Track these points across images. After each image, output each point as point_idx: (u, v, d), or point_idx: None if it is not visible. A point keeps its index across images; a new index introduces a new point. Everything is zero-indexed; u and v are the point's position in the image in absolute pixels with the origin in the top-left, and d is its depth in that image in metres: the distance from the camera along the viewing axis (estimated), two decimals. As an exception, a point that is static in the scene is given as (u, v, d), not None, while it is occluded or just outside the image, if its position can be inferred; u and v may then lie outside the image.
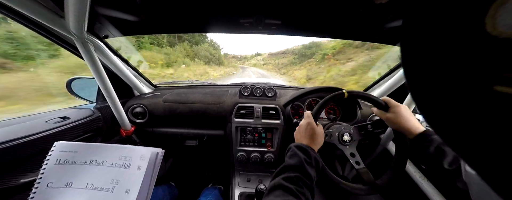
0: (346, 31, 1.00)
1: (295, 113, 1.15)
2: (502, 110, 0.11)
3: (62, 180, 0.44)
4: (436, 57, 0.14)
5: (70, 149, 0.48)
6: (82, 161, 0.47)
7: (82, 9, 0.56)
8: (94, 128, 0.95)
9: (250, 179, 1.15)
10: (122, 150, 0.50)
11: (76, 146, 0.49)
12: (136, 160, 0.48)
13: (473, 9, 0.12)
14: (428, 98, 0.16)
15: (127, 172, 0.47)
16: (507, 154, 0.12)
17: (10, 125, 0.71)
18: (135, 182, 0.46)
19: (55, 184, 0.44)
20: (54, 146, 0.48)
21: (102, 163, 0.47)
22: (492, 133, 0.12)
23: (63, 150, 0.47)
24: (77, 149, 0.48)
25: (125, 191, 0.44)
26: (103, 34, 0.91)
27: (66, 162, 0.46)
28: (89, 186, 0.44)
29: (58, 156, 0.46)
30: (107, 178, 0.45)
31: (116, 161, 0.48)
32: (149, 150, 0.50)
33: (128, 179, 0.46)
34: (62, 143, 0.49)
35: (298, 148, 0.58)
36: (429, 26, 0.14)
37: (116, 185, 0.45)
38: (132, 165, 0.48)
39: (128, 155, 0.49)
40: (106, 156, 0.48)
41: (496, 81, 0.11)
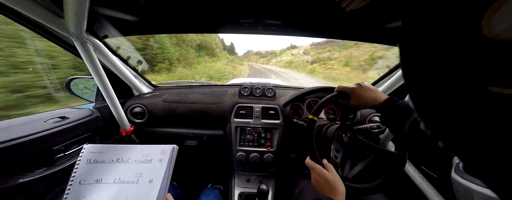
0: (346, 32, 1.00)
1: (294, 113, 1.15)
2: (496, 110, 0.12)
3: (92, 177, 0.51)
4: (434, 58, 0.14)
5: (98, 150, 0.55)
6: (109, 160, 0.54)
7: (81, 9, 0.56)
8: (93, 128, 0.95)
9: (249, 179, 1.15)
10: (144, 149, 0.57)
11: (103, 147, 0.56)
12: (157, 155, 0.56)
13: (470, 12, 0.12)
14: (425, 98, 0.16)
15: (149, 166, 0.54)
16: (502, 154, 0.12)
17: (9, 125, 0.71)
18: (158, 172, 0.53)
19: (87, 181, 0.51)
20: (84, 149, 0.55)
21: (127, 160, 0.55)
22: (488, 133, 0.13)
23: (92, 151, 0.55)
24: (104, 150, 0.56)
25: (149, 181, 0.51)
26: (103, 34, 0.91)
27: (96, 161, 0.54)
28: (117, 181, 0.51)
29: (88, 157, 0.54)
30: (132, 173, 0.52)
31: (139, 158, 0.55)
32: (167, 146, 0.58)
33: (151, 171, 0.53)
34: (91, 145, 0.56)
35: None
36: (427, 28, 0.15)
37: (140, 177, 0.52)
38: (154, 159, 0.55)
39: (150, 152, 0.57)
40: (130, 154, 0.56)
41: (491, 82, 0.11)
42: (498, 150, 0.12)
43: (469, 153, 0.15)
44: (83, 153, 0.54)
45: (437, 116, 0.16)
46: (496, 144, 0.12)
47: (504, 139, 0.12)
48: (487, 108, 0.12)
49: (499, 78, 0.11)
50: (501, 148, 0.12)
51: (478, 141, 0.13)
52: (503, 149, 0.12)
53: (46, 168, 0.73)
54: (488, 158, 0.13)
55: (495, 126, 0.12)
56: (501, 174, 0.13)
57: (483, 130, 0.13)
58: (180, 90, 1.30)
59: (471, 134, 0.14)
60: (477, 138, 0.13)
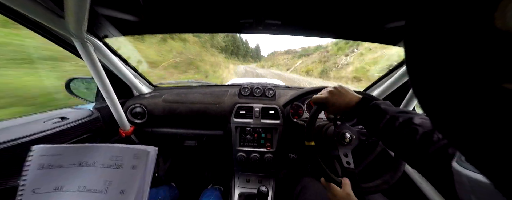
0: (346, 31, 1.00)
1: (294, 113, 1.15)
2: (510, 108, 0.11)
3: (50, 185, 0.43)
4: (442, 54, 0.14)
5: (52, 153, 0.45)
6: (69, 163, 0.45)
7: (81, 9, 0.56)
8: (93, 128, 0.95)
9: (249, 180, 1.15)
10: (112, 150, 0.48)
11: (59, 149, 0.46)
12: (129, 159, 0.47)
13: (482, 3, 0.11)
14: (433, 97, 0.15)
15: (119, 173, 0.45)
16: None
17: (9, 126, 0.70)
18: (130, 181, 0.44)
19: (43, 189, 0.42)
20: (33, 151, 0.45)
21: (92, 164, 0.46)
22: (500, 131, 0.12)
23: (44, 154, 0.45)
24: (61, 152, 0.46)
25: (120, 191, 0.43)
26: (103, 34, 0.91)
27: (51, 166, 0.44)
28: (82, 188, 0.43)
29: (39, 161, 0.44)
30: (100, 179, 0.44)
31: (107, 161, 0.46)
32: (142, 147, 0.49)
33: (121, 179, 0.44)
34: (42, 146, 0.46)
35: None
36: (435, 22, 0.14)
37: (109, 186, 0.44)
38: (125, 165, 0.46)
39: (119, 154, 0.47)
40: (96, 156, 0.46)
41: (505, 79, 0.11)
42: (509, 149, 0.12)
43: (478, 153, 0.14)
44: (31, 156, 0.44)
45: (446, 115, 0.15)
46: (508, 143, 0.12)
47: None
48: (501, 105, 0.11)
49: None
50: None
51: (490, 140, 0.13)
52: None
53: (46, 169, 0.73)
54: (499, 158, 0.13)
55: (509, 124, 0.11)
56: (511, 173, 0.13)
57: (496, 129, 0.12)
58: (180, 90, 1.30)
59: (482, 133, 0.13)
60: (489, 137, 0.13)
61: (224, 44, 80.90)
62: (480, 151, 0.14)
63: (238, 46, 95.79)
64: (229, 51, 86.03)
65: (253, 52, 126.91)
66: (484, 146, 0.13)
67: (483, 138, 0.13)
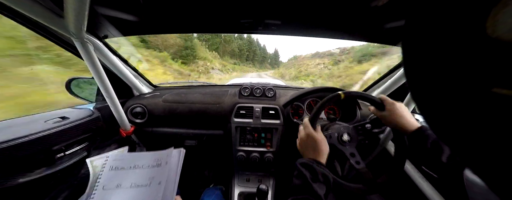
0: (346, 31, 1.00)
1: (294, 113, 1.15)
2: (500, 112, 0.11)
3: (113, 183, 0.57)
4: (437, 58, 0.14)
5: (119, 158, 0.64)
6: (128, 166, 0.61)
7: (81, 9, 0.56)
8: (94, 128, 0.95)
9: (249, 179, 1.15)
10: (156, 155, 0.64)
11: (124, 155, 0.65)
12: (165, 158, 0.62)
13: (474, 13, 0.12)
14: (427, 99, 0.16)
15: (159, 170, 0.60)
16: (505, 154, 0.12)
17: (9, 125, 0.71)
18: (165, 174, 0.59)
19: (108, 186, 0.57)
20: (107, 157, 0.64)
21: (141, 166, 0.61)
22: (491, 133, 0.12)
23: (115, 159, 0.63)
24: (124, 157, 0.64)
25: (158, 183, 0.57)
26: (103, 34, 0.91)
27: (117, 168, 0.61)
28: (133, 185, 0.57)
29: (111, 164, 0.61)
30: (145, 177, 0.59)
31: (151, 163, 0.62)
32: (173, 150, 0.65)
33: (160, 174, 0.59)
34: (115, 153, 0.66)
35: (303, 165, 0.55)
36: (430, 28, 0.14)
37: (152, 180, 0.58)
38: (162, 163, 0.62)
39: (160, 157, 0.63)
40: (145, 160, 0.62)
41: (495, 83, 0.11)
42: (501, 151, 0.12)
43: (471, 153, 0.14)
44: (107, 161, 0.63)
45: (439, 116, 0.16)
46: (499, 145, 0.12)
47: (507, 141, 0.12)
48: (491, 109, 0.12)
49: (503, 80, 0.11)
50: (504, 149, 0.12)
51: (481, 142, 0.13)
52: (507, 150, 0.12)
53: (46, 168, 0.73)
54: (490, 159, 0.13)
55: (499, 127, 0.12)
56: (503, 175, 0.13)
57: (486, 131, 0.13)
58: (180, 90, 1.30)
59: (474, 135, 0.13)
60: (480, 138, 0.13)
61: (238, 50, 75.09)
62: (472, 151, 0.14)
63: (254, 51, 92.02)
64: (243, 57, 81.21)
65: (271, 58, 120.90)
66: (476, 146, 0.14)
67: (474, 139, 0.14)
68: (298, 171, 0.55)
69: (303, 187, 0.51)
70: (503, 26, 0.11)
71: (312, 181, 0.51)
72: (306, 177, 0.52)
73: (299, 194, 0.50)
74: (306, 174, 0.52)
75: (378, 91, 1.15)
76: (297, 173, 0.55)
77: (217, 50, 51.11)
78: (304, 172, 0.53)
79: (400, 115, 0.64)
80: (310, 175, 0.52)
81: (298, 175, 0.54)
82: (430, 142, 0.56)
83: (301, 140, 0.66)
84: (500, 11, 0.11)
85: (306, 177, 0.52)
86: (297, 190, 0.51)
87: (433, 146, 0.55)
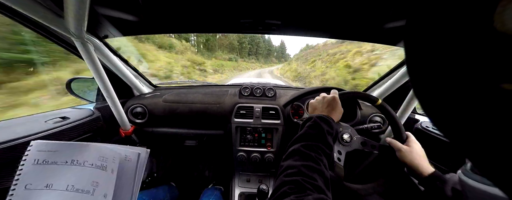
0: (346, 31, 1.00)
1: (295, 113, 1.15)
2: (509, 108, 0.11)
3: (41, 181, 0.41)
4: (442, 54, 0.14)
5: (49, 149, 0.44)
6: (62, 161, 0.44)
7: (81, 9, 0.56)
8: (94, 128, 0.95)
9: (250, 179, 1.15)
10: (102, 150, 0.47)
11: (56, 145, 0.45)
12: (110, 162, 0.45)
13: (481, 5, 0.11)
14: (433, 97, 0.16)
15: (104, 174, 0.44)
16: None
17: (10, 125, 0.71)
18: (109, 186, 0.43)
19: (34, 186, 0.41)
20: (30, 146, 0.44)
21: (83, 163, 0.44)
22: (499, 131, 0.12)
23: (42, 150, 0.44)
24: (57, 148, 0.45)
25: (104, 195, 0.42)
26: (103, 34, 0.91)
27: (46, 162, 0.43)
28: (70, 188, 0.41)
29: (36, 156, 0.43)
30: (88, 180, 0.43)
31: (95, 162, 0.45)
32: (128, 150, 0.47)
33: (105, 182, 0.44)
34: (40, 142, 0.45)
35: (321, 119, 0.56)
36: (435, 23, 0.14)
37: (96, 187, 0.42)
38: (107, 167, 0.45)
39: (106, 155, 0.46)
40: (88, 155, 0.45)
41: (504, 79, 0.11)
42: (509, 148, 0.12)
43: (478, 152, 0.14)
44: (29, 151, 0.43)
45: (445, 114, 0.15)
46: (507, 143, 0.12)
47: None
48: (500, 106, 0.11)
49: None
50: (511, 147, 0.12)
51: (489, 140, 0.13)
52: None
53: (47, 168, 0.73)
54: (499, 158, 0.13)
55: (508, 124, 0.11)
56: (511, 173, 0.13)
57: (495, 129, 0.12)
58: (180, 90, 1.30)
59: (482, 133, 0.13)
60: (488, 136, 0.13)
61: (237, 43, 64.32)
62: (480, 151, 0.14)
63: (258, 43, 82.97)
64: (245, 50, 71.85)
65: (277, 51, 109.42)
66: (483, 146, 0.13)
67: (482, 138, 0.13)
68: (314, 123, 0.56)
69: (317, 136, 0.52)
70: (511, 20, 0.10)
71: (328, 134, 0.53)
72: (322, 128, 0.53)
73: (311, 141, 0.51)
74: (324, 127, 0.54)
75: (378, 91, 1.15)
76: (312, 124, 0.56)
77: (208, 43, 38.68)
78: (321, 125, 0.54)
79: (420, 156, 0.64)
80: (327, 128, 0.54)
81: (313, 126, 0.55)
82: (450, 189, 0.54)
83: (322, 98, 0.67)
84: (509, 4, 0.10)
85: (323, 128, 0.53)
86: (310, 138, 0.52)
87: (454, 193, 0.53)
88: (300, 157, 0.47)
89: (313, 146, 0.49)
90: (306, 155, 0.47)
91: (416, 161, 0.63)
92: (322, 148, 0.50)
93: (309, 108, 0.69)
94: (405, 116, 0.92)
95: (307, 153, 0.47)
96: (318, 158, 0.47)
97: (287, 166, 0.45)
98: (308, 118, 0.60)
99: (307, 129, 0.55)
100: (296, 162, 0.45)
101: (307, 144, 0.50)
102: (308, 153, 0.47)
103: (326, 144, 0.51)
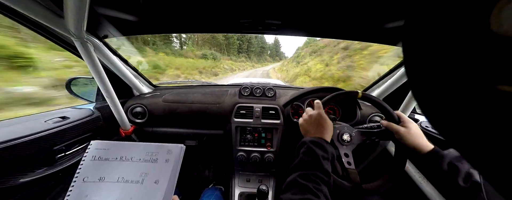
0: (346, 31, 1.00)
1: (295, 113, 1.15)
2: (505, 110, 0.11)
3: (96, 175, 0.50)
4: (439, 56, 0.14)
5: (103, 147, 0.54)
6: (113, 157, 0.53)
7: (81, 9, 0.56)
8: (94, 128, 0.95)
9: (249, 179, 1.15)
10: (149, 147, 0.56)
11: (108, 144, 0.55)
12: (164, 154, 0.55)
13: (477, 8, 0.12)
14: (430, 97, 0.16)
15: (155, 166, 0.53)
16: (510, 153, 0.12)
17: (9, 125, 0.71)
18: (164, 173, 0.52)
19: (90, 179, 0.50)
20: (90, 145, 0.54)
21: (131, 159, 0.54)
22: (496, 132, 0.12)
23: (98, 148, 0.54)
24: (109, 147, 0.55)
25: (154, 181, 0.51)
26: (103, 34, 0.91)
27: (100, 158, 0.53)
28: (120, 180, 0.50)
29: (93, 153, 0.53)
30: (136, 172, 0.52)
31: (144, 157, 0.54)
32: (174, 145, 0.57)
33: (156, 171, 0.52)
34: (98, 141, 0.55)
35: (314, 143, 0.56)
36: (432, 25, 0.14)
37: (145, 177, 0.51)
38: (159, 159, 0.54)
39: (155, 151, 0.55)
40: (135, 153, 0.55)
41: (500, 80, 0.11)
42: (506, 150, 0.12)
43: (475, 153, 0.14)
44: (89, 149, 0.53)
45: (442, 115, 0.15)
46: (504, 144, 0.12)
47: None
48: (496, 107, 0.12)
49: (508, 77, 0.11)
50: (509, 148, 0.12)
51: (486, 140, 0.13)
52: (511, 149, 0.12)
53: (47, 168, 0.74)
54: (495, 158, 0.13)
55: (504, 125, 0.12)
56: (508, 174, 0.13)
57: (491, 129, 0.12)
58: (180, 90, 1.31)
59: (478, 133, 0.13)
60: (485, 137, 0.13)
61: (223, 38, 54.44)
62: (477, 151, 0.14)
63: (249, 40, 74.48)
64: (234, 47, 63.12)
65: (271, 49, 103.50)
66: (480, 145, 0.14)
67: (479, 137, 0.13)
68: (307, 149, 0.55)
69: (312, 163, 0.52)
70: (508, 21, 0.10)
71: (323, 159, 0.52)
72: (317, 155, 0.52)
73: (308, 169, 0.50)
74: (317, 152, 0.53)
75: (378, 91, 1.15)
76: (306, 150, 0.55)
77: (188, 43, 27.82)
78: (315, 150, 0.54)
79: (418, 135, 0.64)
80: (322, 153, 0.53)
81: (307, 153, 0.54)
82: (446, 163, 0.55)
83: (309, 118, 0.66)
84: (505, 6, 0.10)
85: (317, 154, 0.52)
86: (305, 166, 0.51)
87: (450, 168, 0.54)
88: (299, 189, 0.46)
89: (310, 175, 0.48)
90: (304, 187, 0.46)
91: (416, 140, 0.63)
92: (320, 176, 0.49)
93: (301, 130, 0.68)
94: None
95: (305, 185, 0.46)
96: (317, 188, 0.46)
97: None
98: (301, 143, 0.59)
99: (302, 156, 0.54)
100: (295, 195, 0.45)
101: (304, 173, 0.49)
102: (305, 184, 0.46)
103: (323, 171, 0.50)
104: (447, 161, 0.55)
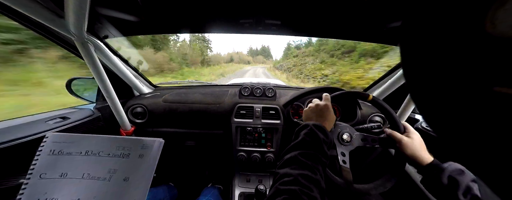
0: (346, 31, 1.00)
1: (295, 113, 1.15)
2: (501, 111, 0.11)
3: (56, 171, 0.45)
4: (436, 58, 0.14)
5: (64, 140, 0.48)
6: (77, 151, 0.47)
7: (82, 9, 0.56)
8: (94, 128, 0.95)
9: (250, 179, 1.15)
10: (119, 141, 0.50)
11: (71, 137, 0.49)
12: (137, 149, 0.49)
13: (472, 10, 0.12)
14: (427, 98, 0.16)
15: (126, 161, 0.47)
16: (506, 155, 0.12)
17: (10, 125, 0.71)
18: (136, 169, 0.47)
19: (49, 175, 0.44)
20: (46, 137, 0.48)
21: (98, 153, 0.48)
22: (492, 133, 0.12)
23: (57, 141, 0.48)
24: (71, 140, 0.48)
25: (124, 178, 0.45)
26: (103, 34, 0.91)
27: (60, 153, 0.47)
28: (86, 176, 0.45)
29: (51, 147, 0.47)
30: (104, 168, 0.46)
31: (113, 152, 0.48)
32: (150, 139, 0.51)
33: (127, 167, 0.47)
34: (56, 134, 0.49)
35: (317, 127, 0.57)
36: (428, 27, 0.14)
37: (113, 174, 0.46)
38: (132, 154, 0.49)
39: (127, 145, 0.50)
40: (103, 147, 0.49)
41: (496, 82, 0.11)
42: (502, 151, 0.12)
43: (472, 154, 0.14)
44: (45, 142, 0.47)
45: (440, 116, 0.15)
46: (500, 145, 0.12)
47: (508, 141, 0.11)
48: (492, 108, 0.12)
49: (504, 78, 0.11)
50: (505, 149, 0.12)
51: (482, 142, 0.13)
52: (508, 150, 0.12)
53: (47, 168, 0.73)
54: (491, 159, 0.13)
55: (500, 127, 0.12)
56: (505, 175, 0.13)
57: (487, 131, 0.12)
58: (180, 90, 1.31)
59: (475, 135, 0.13)
60: (481, 138, 0.13)
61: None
62: (473, 151, 0.14)
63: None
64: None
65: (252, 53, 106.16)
66: (477, 146, 0.14)
67: (476, 139, 0.13)
68: (310, 131, 0.56)
69: (314, 144, 0.52)
70: (503, 23, 0.10)
71: (324, 143, 0.53)
72: (319, 137, 0.53)
73: (309, 149, 0.51)
74: (320, 135, 0.54)
75: (378, 91, 1.15)
76: (308, 132, 0.56)
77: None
78: (318, 134, 0.54)
79: (420, 147, 0.65)
80: (323, 137, 0.54)
81: (309, 134, 0.55)
82: (446, 177, 0.55)
83: (315, 107, 0.67)
84: (500, 8, 0.10)
85: (319, 137, 0.53)
86: (307, 146, 0.52)
87: (450, 181, 0.54)
88: (298, 165, 0.47)
89: (310, 154, 0.49)
90: (303, 164, 0.47)
91: (417, 152, 0.63)
92: (319, 157, 0.50)
93: (303, 116, 0.69)
94: (405, 116, 0.92)
95: (304, 162, 0.47)
96: (315, 167, 0.47)
97: (283, 174, 0.45)
98: (303, 125, 0.60)
99: (304, 137, 0.55)
100: (293, 170, 0.45)
101: (304, 152, 0.50)
102: (305, 161, 0.47)
103: (323, 153, 0.51)
104: (447, 174, 0.55)
